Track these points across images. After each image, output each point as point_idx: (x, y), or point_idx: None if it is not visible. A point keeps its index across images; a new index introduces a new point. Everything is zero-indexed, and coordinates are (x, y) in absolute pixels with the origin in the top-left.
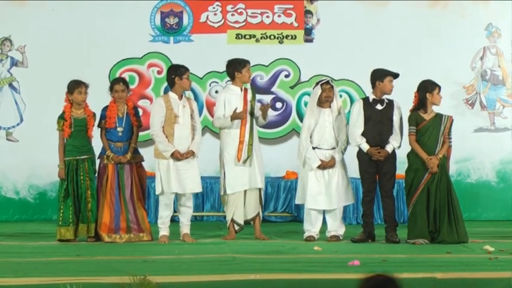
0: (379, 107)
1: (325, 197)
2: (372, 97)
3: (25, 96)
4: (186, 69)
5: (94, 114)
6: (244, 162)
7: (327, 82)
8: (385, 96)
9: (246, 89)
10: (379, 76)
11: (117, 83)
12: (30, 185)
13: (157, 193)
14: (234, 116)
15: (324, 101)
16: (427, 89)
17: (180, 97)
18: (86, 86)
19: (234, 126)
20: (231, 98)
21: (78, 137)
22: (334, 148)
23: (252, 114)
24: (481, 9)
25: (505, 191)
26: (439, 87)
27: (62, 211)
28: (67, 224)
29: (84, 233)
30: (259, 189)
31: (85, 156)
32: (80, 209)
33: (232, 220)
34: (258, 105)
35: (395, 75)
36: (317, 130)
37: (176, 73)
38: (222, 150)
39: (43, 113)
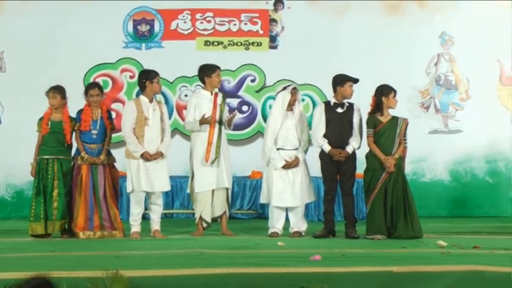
0: (339, 110)
1: (290, 195)
2: (333, 101)
3: (3, 100)
4: (156, 74)
5: (72, 119)
6: (212, 163)
7: (294, 88)
8: (345, 100)
9: (216, 93)
10: (340, 81)
11: (92, 88)
12: (7, 184)
13: (128, 191)
14: (202, 121)
15: (290, 105)
16: (382, 93)
17: (151, 100)
18: (57, 90)
19: (203, 129)
20: (201, 102)
21: (52, 139)
22: (297, 149)
23: (221, 118)
24: (436, 18)
25: (457, 190)
26: (395, 91)
27: (33, 207)
28: (38, 220)
29: (51, 230)
30: (227, 189)
31: (56, 157)
32: (49, 205)
33: (201, 217)
34: (227, 108)
35: (355, 80)
36: (281, 132)
37: (147, 77)
38: (192, 151)
39: (20, 115)
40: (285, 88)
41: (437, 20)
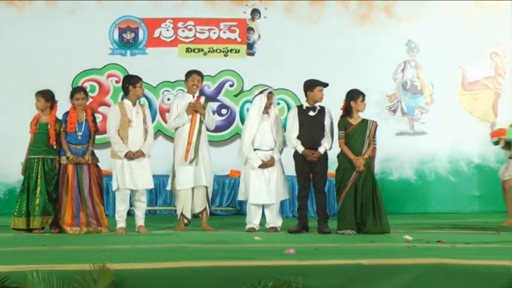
0: (311, 113)
1: (266, 193)
2: (305, 105)
3: None
4: (138, 79)
5: (57, 121)
6: (191, 162)
7: (270, 92)
8: (317, 104)
9: (199, 96)
10: (310, 86)
11: (77, 92)
12: (0, 182)
13: (113, 189)
14: (190, 109)
15: (266, 108)
16: (352, 97)
17: (134, 104)
18: (40, 94)
19: (184, 130)
20: (183, 103)
21: (39, 139)
22: (272, 149)
23: (200, 119)
24: (402, 27)
25: (423, 188)
26: (363, 95)
27: (18, 203)
28: (20, 215)
29: (32, 225)
30: (206, 187)
31: (41, 156)
32: (32, 202)
33: (182, 214)
34: (210, 110)
35: (325, 85)
36: (258, 133)
37: (130, 82)
38: (174, 151)
39: (12, 117)
40: (261, 92)
41: (403, 29)
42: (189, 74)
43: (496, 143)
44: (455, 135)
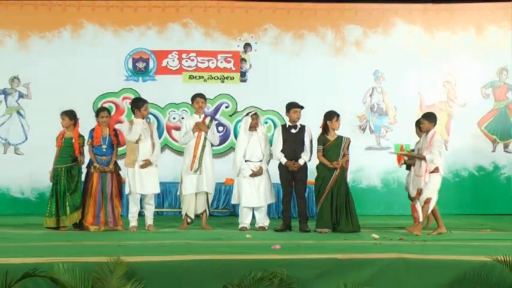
0: (293, 131)
1: (255, 198)
2: (288, 123)
3: (29, 121)
4: (144, 103)
5: (80, 136)
6: (195, 171)
7: (255, 113)
8: (298, 123)
9: (205, 116)
10: (287, 108)
11: (102, 111)
12: (32, 187)
13: (126, 193)
14: (195, 128)
15: (252, 126)
16: (328, 117)
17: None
18: (65, 114)
19: (191, 144)
20: (191, 122)
21: (65, 152)
22: (261, 160)
23: (205, 136)
24: (370, 59)
25: (387, 194)
26: (338, 116)
27: (49, 206)
28: (50, 216)
29: (64, 223)
30: (207, 193)
31: (67, 165)
32: (61, 204)
33: (186, 214)
34: (214, 128)
35: (300, 107)
36: (249, 147)
37: (136, 106)
38: (183, 162)
39: (42, 133)
40: (247, 114)
41: (371, 61)
42: (194, 97)
43: (404, 164)
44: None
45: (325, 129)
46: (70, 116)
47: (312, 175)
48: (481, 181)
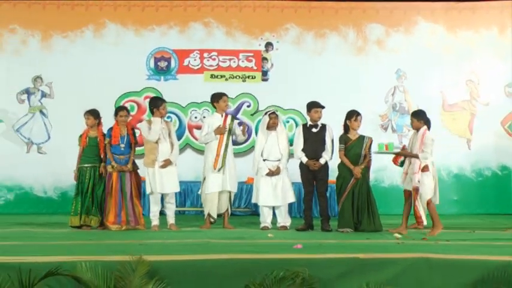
0: (314, 130)
1: (273, 197)
2: (309, 123)
3: (52, 120)
4: (162, 102)
5: (105, 135)
6: (219, 170)
7: (273, 112)
8: (319, 122)
9: (226, 115)
10: (308, 108)
11: (121, 110)
12: (55, 186)
13: (147, 193)
14: (217, 131)
15: (271, 126)
16: (347, 116)
17: (160, 121)
18: (90, 113)
19: (213, 143)
20: (213, 121)
21: (89, 151)
22: (279, 160)
23: (229, 132)
24: (392, 58)
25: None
26: (357, 115)
27: (73, 205)
28: (76, 214)
29: (88, 222)
30: (230, 192)
31: (92, 165)
32: (88, 203)
33: (209, 214)
34: (236, 126)
35: (322, 107)
36: (266, 147)
37: (155, 106)
38: (204, 161)
39: (65, 132)
40: (266, 113)
41: (393, 60)
42: (220, 95)
43: (402, 163)
44: (437, 149)
45: (346, 128)
46: (94, 115)
47: (333, 174)
48: (504, 180)
